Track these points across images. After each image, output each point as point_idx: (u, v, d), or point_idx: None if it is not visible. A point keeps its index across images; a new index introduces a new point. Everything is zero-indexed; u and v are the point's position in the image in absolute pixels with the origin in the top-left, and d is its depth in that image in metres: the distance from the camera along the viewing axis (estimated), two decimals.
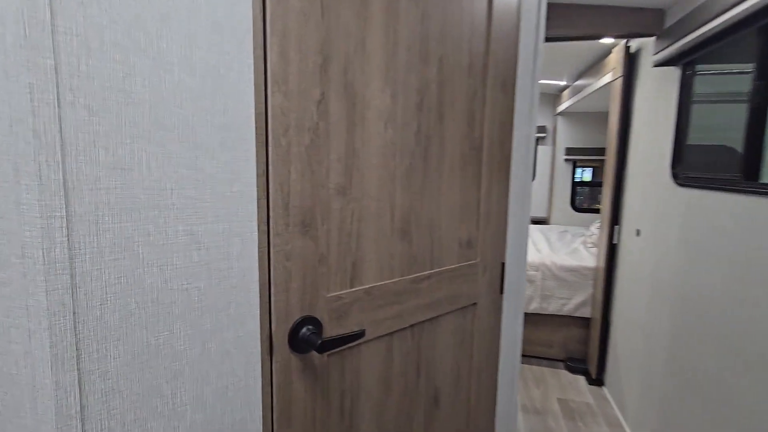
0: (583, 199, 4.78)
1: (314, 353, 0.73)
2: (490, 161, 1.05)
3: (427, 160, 0.90)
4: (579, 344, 2.80)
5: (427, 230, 0.92)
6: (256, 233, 0.64)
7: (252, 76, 0.61)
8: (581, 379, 2.63)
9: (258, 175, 0.64)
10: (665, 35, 1.77)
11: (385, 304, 0.85)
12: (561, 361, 2.85)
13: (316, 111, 0.69)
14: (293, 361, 0.71)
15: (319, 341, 0.68)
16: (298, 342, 0.70)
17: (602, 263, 2.44)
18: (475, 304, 1.07)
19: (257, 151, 0.63)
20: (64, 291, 0.49)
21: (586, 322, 2.75)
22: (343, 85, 0.73)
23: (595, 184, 5.78)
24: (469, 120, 0.98)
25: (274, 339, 0.68)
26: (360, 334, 0.75)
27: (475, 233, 1.05)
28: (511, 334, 1.20)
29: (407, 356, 0.92)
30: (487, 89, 1.01)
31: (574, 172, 4.41)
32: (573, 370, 2.71)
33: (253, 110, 0.62)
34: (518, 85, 1.09)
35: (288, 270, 0.69)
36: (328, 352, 0.76)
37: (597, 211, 4.49)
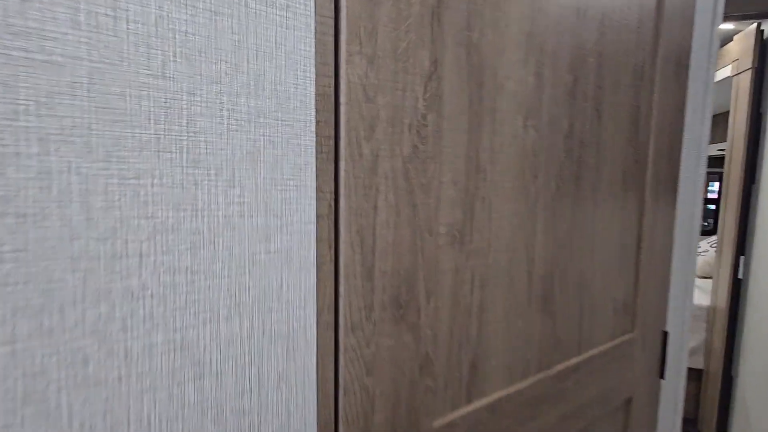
0: None
1: None
2: (655, 181, 0.68)
3: (580, 180, 0.55)
4: (687, 401, 2.26)
5: (576, 292, 0.57)
6: (314, 329, 0.33)
7: (312, 19, 0.31)
8: None
9: (319, 217, 0.33)
10: None
11: (515, 423, 0.50)
12: None
13: (424, 93, 0.37)
14: None
15: None
16: None
17: (723, 303, 1.94)
18: (629, 400, 0.70)
19: (318, 169, 0.32)
20: None
21: (697, 374, 2.22)
22: (465, 48, 0.41)
23: None
24: (633, 116, 0.63)
25: None
26: None
27: (632, 291, 0.68)
28: None
29: None
30: (657, 69, 0.65)
31: None
32: None
33: (312, 87, 0.31)
34: (691, 65, 0.73)
35: (369, 393, 0.36)
36: None
37: None
